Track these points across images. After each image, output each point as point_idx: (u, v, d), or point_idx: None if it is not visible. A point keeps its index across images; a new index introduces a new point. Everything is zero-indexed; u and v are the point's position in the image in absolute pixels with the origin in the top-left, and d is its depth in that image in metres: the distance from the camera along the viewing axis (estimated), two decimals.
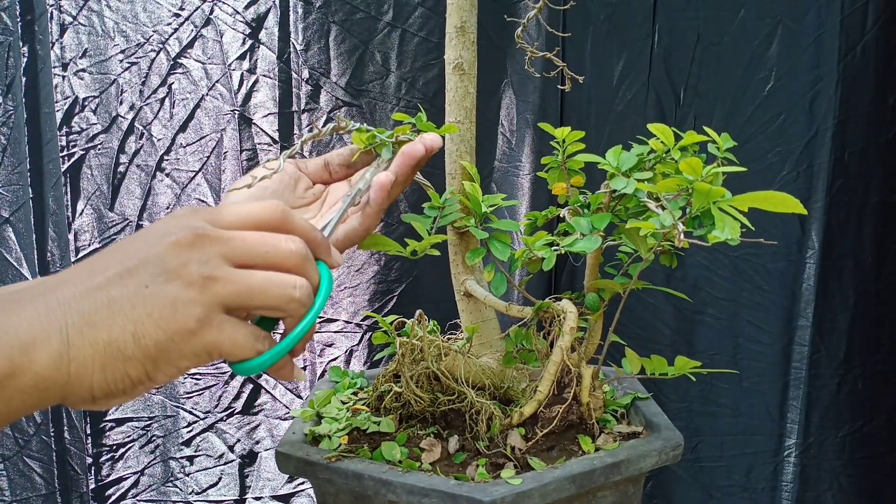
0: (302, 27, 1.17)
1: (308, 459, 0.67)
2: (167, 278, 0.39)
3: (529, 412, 0.70)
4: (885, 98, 1.18)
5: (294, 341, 0.46)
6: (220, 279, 0.40)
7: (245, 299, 0.41)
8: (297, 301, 0.44)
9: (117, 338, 0.38)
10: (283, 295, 0.43)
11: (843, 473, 1.28)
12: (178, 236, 0.40)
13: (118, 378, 0.38)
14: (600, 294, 0.74)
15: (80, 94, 1.16)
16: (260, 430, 1.28)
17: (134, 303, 0.38)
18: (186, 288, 0.39)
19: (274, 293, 0.42)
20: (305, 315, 0.46)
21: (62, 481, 1.24)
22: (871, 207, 1.21)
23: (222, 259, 0.41)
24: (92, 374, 0.37)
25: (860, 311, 1.23)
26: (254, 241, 0.43)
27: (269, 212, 0.45)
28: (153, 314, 0.38)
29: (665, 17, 1.19)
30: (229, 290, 0.41)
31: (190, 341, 0.39)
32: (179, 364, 0.40)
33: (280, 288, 0.43)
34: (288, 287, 0.43)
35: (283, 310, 0.44)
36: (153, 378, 0.40)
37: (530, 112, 1.21)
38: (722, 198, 0.56)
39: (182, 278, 0.39)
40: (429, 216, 0.70)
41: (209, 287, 0.40)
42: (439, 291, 1.21)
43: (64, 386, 0.37)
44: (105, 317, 0.38)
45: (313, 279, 0.46)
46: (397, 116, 0.75)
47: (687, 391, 1.29)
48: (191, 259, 0.40)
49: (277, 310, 0.44)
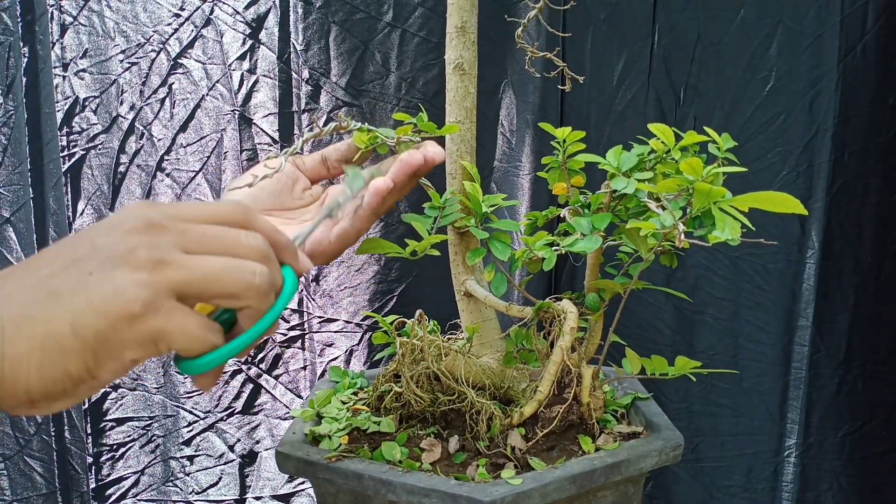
0: (302, 27, 1.17)
1: (308, 459, 0.67)
2: (113, 264, 0.36)
3: (530, 412, 0.70)
4: (885, 98, 1.18)
5: (251, 339, 0.42)
6: (171, 263, 0.37)
7: (199, 285, 0.38)
8: (256, 288, 0.40)
9: (55, 330, 0.34)
10: (241, 280, 0.39)
11: (843, 473, 1.28)
12: (130, 224, 0.37)
13: (57, 376, 0.35)
14: (600, 294, 0.74)
15: (80, 95, 1.16)
16: (260, 429, 1.28)
17: (75, 291, 0.35)
18: (133, 272, 0.36)
19: (231, 278, 0.39)
20: (265, 311, 0.42)
21: (63, 481, 1.24)
22: (871, 207, 1.21)
23: (176, 247, 0.38)
24: (28, 373, 0.34)
25: (860, 311, 1.23)
26: (213, 232, 0.40)
27: (231, 210, 0.42)
28: (93, 301, 0.35)
29: (665, 17, 1.19)
30: (182, 275, 0.37)
31: (133, 328, 0.36)
32: (123, 356, 0.36)
33: (238, 273, 0.39)
34: (247, 273, 0.40)
35: (240, 298, 0.40)
36: (96, 375, 0.36)
37: (530, 112, 1.21)
38: (722, 198, 0.56)
39: (129, 263, 0.36)
40: (429, 216, 0.70)
41: (159, 270, 0.36)
42: (439, 291, 1.21)
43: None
44: (44, 308, 0.35)
45: (275, 279, 0.42)
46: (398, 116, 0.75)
47: (687, 391, 1.29)
48: (140, 244, 0.37)
49: (234, 298, 0.40)
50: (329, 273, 1.25)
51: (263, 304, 0.41)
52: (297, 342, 1.27)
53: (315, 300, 1.25)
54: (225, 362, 0.42)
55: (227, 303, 0.41)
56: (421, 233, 0.68)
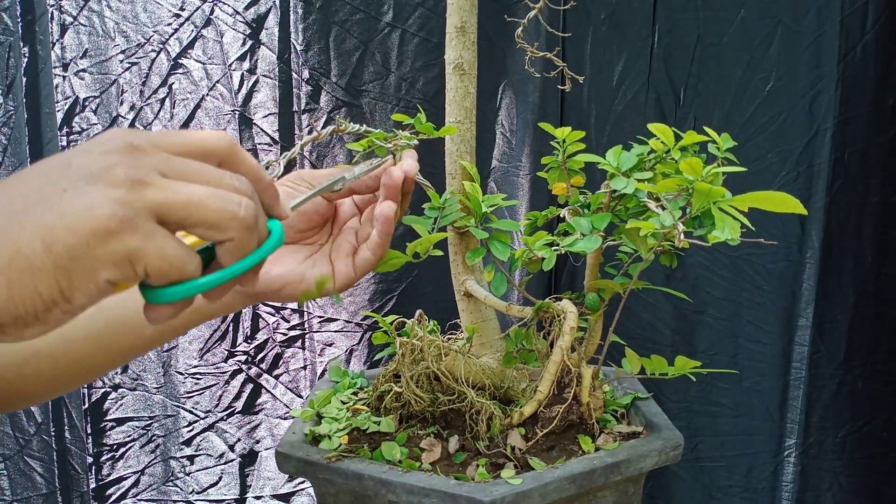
0: (302, 27, 1.17)
1: (308, 459, 0.67)
2: (88, 181, 0.34)
3: (529, 412, 0.70)
4: (885, 98, 1.18)
5: (227, 277, 0.40)
6: (151, 184, 0.35)
7: (181, 209, 0.36)
8: (240, 220, 0.38)
9: (24, 247, 0.32)
10: (224, 210, 0.37)
11: (843, 473, 1.28)
12: (109, 145, 0.35)
13: (27, 297, 0.33)
14: (600, 294, 0.74)
15: (80, 95, 1.16)
16: (260, 429, 1.28)
17: (47, 207, 0.33)
18: (109, 188, 0.34)
19: (215, 206, 0.37)
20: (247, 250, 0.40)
21: (63, 480, 1.24)
22: (871, 207, 1.21)
23: (157, 171, 0.36)
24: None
25: (860, 311, 1.23)
26: (196, 167, 0.38)
27: (217, 140, 0.40)
28: (65, 216, 0.33)
29: (665, 17, 1.19)
30: (162, 197, 0.35)
31: (108, 244, 0.34)
32: (97, 276, 0.34)
33: (223, 202, 0.37)
34: (232, 202, 0.38)
35: (223, 230, 0.38)
36: (69, 297, 0.34)
37: (530, 112, 1.21)
38: (722, 198, 0.56)
39: (105, 180, 0.34)
40: (429, 216, 0.70)
41: (138, 190, 0.35)
42: (439, 291, 1.21)
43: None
44: (13, 224, 0.33)
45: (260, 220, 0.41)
46: (397, 117, 0.75)
47: (687, 391, 1.29)
48: (120, 163, 0.35)
49: (217, 229, 0.38)
50: None
51: (246, 240, 0.39)
52: (297, 342, 1.27)
53: (315, 300, 1.25)
54: (193, 297, 0.39)
55: (208, 234, 0.38)
56: (421, 234, 0.68)
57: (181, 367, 1.25)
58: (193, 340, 1.24)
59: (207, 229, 0.37)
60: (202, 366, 1.25)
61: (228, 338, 1.25)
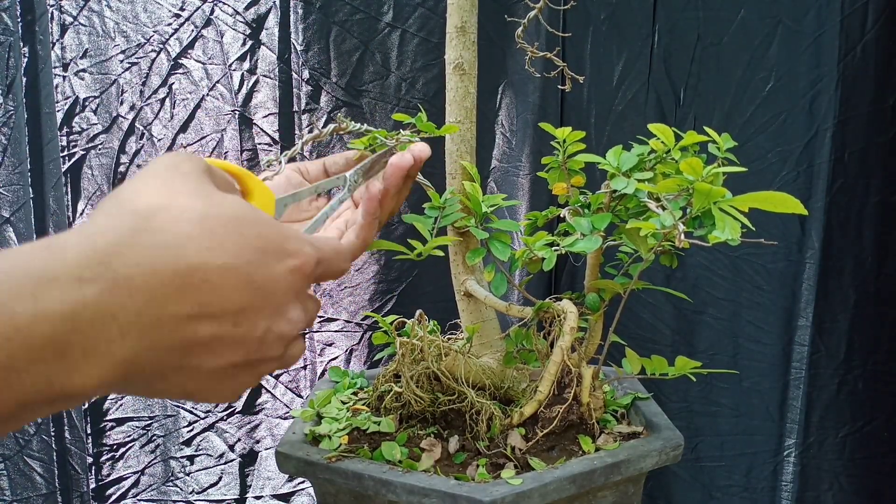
0: (302, 27, 1.17)
1: (308, 459, 0.67)
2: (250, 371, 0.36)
3: (530, 412, 0.70)
4: (885, 98, 1.18)
5: None
6: (288, 355, 0.39)
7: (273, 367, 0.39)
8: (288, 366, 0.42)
9: (162, 391, 0.35)
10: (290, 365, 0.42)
11: (843, 473, 1.28)
12: (297, 262, 0.36)
13: (126, 392, 0.35)
14: (600, 294, 0.74)
15: (80, 95, 1.16)
16: (260, 429, 1.28)
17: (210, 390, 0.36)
18: (270, 363, 0.37)
19: (286, 365, 0.41)
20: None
21: (63, 481, 1.24)
22: (871, 207, 1.21)
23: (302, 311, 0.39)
24: (108, 389, 0.33)
25: (860, 311, 1.23)
26: (314, 307, 0.41)
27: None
28: (204, 389, 0.35)
29: (665, 17, 1.19)
30: (276, 367, 0.39)
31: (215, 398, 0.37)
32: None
33: (293, 361, 0.41)
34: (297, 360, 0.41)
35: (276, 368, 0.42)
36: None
37: (530, 112, 1.21)
38: (722, 198, 0.56)
39: (257, 370, 0.37)
40: (429, 216, 0.70)
41: (276, 362, 0.38)
42: (439, 291, 1.21)
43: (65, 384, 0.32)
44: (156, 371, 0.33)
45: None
46: (397, 117, 0.75)
47: (687, 391, 1.29)
48: (295, 306, 0.37)
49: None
50: None
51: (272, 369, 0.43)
52: None
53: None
54: None
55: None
56: (423, 233, 0.68)
57: None
58: None
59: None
60: None
61: None
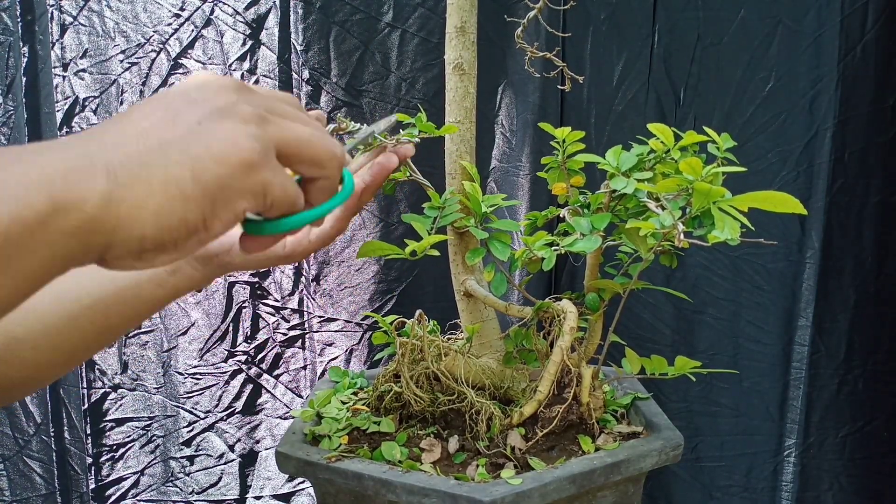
0: (302, 28, 1.17)
1: (308, 459, 0.67)
2: (221, 115, 0.37)
3: (529, 412, 0.70)
4: (885, 98, 1.18)
5: (325, 211, 0.44)
6: (272, 121, 0.38)
7: (295, 146, 0.39)
8: (338, 159, 0.42)
9: (175, 176, 0.34)
10: (327, 148, 0.41)
11: (843, 473, 1.28)
12: (221, 83, 0.38)
13: (174, 224, 0.35)
14: (600, 294, 0.74)
15: (80, 94, 1.16)
16: (260, 429, 1.28)
17: (188, 141, 0.35)
18: (243, 123, 0.37)
19: (320, 144, 0.41)
20: (336, 187, 0.44)
21: (62, 481, 1.24)
22: (871, 207, 1.21)
23: (266, 109, 0.39)
24: (145, 218, 0.34)
25: (860, 311, 1.23)
26: (291, 110, 0.42)
27: (291, 97, 0.44)
28: (212, 149, 0.35)
29: (665, 17, 1.19)
30: (282, 135, 0.39)
31: (249, 177, 0.37)
32: (236, 205, 0.37)
33: (325, 141, 0.41)
34: (331, 142, 0.41)
35: (324, 167, 0.42)
36: (209, 226, 0.36)
37: (530, 112, 1.21)
38: (722, 198, 0.56)
39: (236, 115, 0.37)
40: (429, 216, 0.70)
41: (264, 125, 0.38)
42: (439, 291, 1.21)
43: (111, 231, 0.33)
44: (158, 157, 0.34)
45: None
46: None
47: (687, 391, 1.29)
48: (240, 100, 0.38)
49: (319, 166, 0.42)
50: (329, 273, 1.25)
51: (337, 178, 0.43)
52: (297, 342, 1.27)
53: (315, 300, 1.25)
54: (296, 230, 0.43)
55: (311, 170, 0.42)
56: (421, 233, 0.68)
57: (181, 368, 1.24)
58: (193, 341, 1.24)
59: (311, 166, 0.41)
60: (202, 366, 1.25)
61: (228, 338, 1.25)
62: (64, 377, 1.21)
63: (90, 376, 1.22)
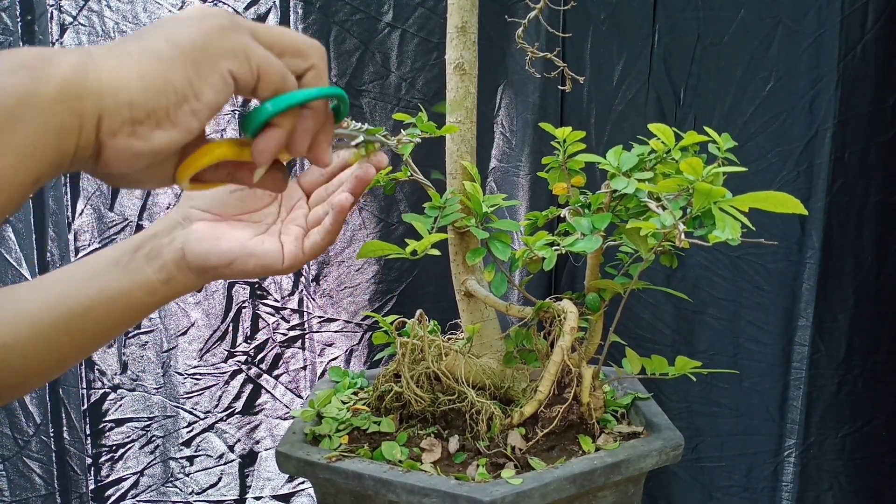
0: (302, 28, 1.17)
1: (308, 459, 0.67)
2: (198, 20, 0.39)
3: (530, 412, 0.70)
4: (885, 98, 1.18)
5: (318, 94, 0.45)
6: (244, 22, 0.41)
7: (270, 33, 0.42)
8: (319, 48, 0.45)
9: (151, 45, 0.37)
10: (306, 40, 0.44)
11: (843, 473, 1.28)
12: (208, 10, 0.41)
13: (160, 86, 0.37)
14: (601, 294, 0.74)
15: None
16: (260, 429, 1.28)
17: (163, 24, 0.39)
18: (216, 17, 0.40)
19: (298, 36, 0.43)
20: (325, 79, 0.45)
21: (62, 482, 1.24)
22: (871, 207, 1.21)
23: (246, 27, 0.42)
24: (129, 80, 0.36)
25: (860, 311, 1.23)
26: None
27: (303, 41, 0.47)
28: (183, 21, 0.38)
29: (665, 17, 1.19)
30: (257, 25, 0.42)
31: (225, 37, 0.39)
32: (220, 65, 0.39)
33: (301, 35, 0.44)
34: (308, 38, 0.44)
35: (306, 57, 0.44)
36: (198, 91, 0.38)
37: (530, 112, 1.21)
38: (722, 198, 0.56)
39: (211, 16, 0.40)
40: (429, 216, 0.70)
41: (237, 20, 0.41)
42: (440, 291, 1.21)
43: (97, 96, 0.35)
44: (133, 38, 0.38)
45: None
46: (398, 116, 0.75)
47: (687, 391, 1.29)
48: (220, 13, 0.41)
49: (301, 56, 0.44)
50: (329, 273, 1.25)
51: (325, 69, 0.45)
52: (296, 342, 1.27)
53: (315, 300, 1.25)
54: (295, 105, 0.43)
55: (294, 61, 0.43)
56: (421, 233, 0.68)
57: (181, 368, 1.24)
58: (193, 341, 1.24)
59: (293, 56, 0.43)
60: (202, 366, 1.25)
61: (228, 338, 1.25)
62: (63, 377, 1.21)
63: (90, 377, 1.22)
